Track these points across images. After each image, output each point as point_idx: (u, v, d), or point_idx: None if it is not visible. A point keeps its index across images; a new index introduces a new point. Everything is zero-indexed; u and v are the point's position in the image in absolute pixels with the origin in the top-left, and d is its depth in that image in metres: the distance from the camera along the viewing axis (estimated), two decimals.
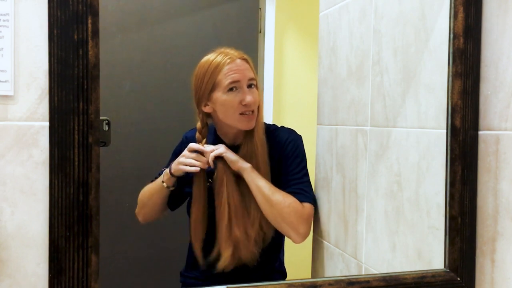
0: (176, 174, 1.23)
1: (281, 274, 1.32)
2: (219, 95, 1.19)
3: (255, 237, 1.24)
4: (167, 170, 1.23)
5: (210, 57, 1.21)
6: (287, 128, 1.33)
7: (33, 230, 0.84)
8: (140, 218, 1.24)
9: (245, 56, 1.22)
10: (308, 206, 1.27)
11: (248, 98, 1.19)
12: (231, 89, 1.19)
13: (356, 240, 1.28)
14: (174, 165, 1.22)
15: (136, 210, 1.24)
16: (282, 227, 1.25)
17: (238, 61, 1.20)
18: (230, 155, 1.22)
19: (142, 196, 1.25)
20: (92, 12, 0.82)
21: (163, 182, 1.23)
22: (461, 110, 1.05)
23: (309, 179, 1.30)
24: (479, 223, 1.07)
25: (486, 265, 1.06)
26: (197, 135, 1.23)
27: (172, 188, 1.24)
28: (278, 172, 1.26)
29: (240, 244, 1.22)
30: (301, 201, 1.26)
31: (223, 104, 1.20)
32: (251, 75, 1.21)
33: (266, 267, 1.27)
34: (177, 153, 1.26)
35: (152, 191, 1.25)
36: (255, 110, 1.22)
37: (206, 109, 1.22)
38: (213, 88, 1.20)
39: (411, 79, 1.14)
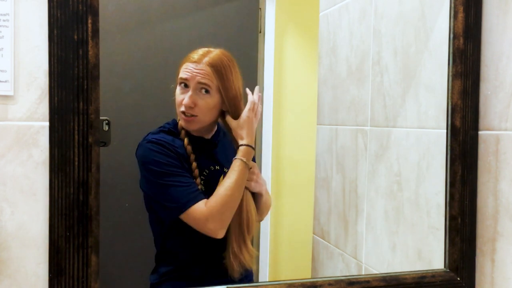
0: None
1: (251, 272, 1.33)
2: (177, 86, 1.19)
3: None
4: (245, 148, 1.15)
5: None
6: None
7: (33, 230, 0.84)
8: (222, 231, 1.13)
9: (216, 63, 1.17)
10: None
11: (185, 100, 1.15)
12: (180, 84, 1.18)
13: (356, 240, 1.28)
14: (251, 128, 1.18)
15: (215, 226, 1.12)
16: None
17: (201, 65, 1.16)
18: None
19: (225, 203, 1.12)
20: (92, 12, 0.82)
21: (245, 163, 1.15)
22: (461, 110, 1.05)
23: None
24: (479, 223, 1.07)
25: (486, 265, 1.06)
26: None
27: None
28: None
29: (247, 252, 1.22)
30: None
31: (175, 96, 1.19)
32: (204, 80, 1.16)
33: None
34: (164, 157, 1.18)
35: (239, 183, 1.16)
36: (199, 116, 1.17)
37: None
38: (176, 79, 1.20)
39: (411, 79, 1.14)
